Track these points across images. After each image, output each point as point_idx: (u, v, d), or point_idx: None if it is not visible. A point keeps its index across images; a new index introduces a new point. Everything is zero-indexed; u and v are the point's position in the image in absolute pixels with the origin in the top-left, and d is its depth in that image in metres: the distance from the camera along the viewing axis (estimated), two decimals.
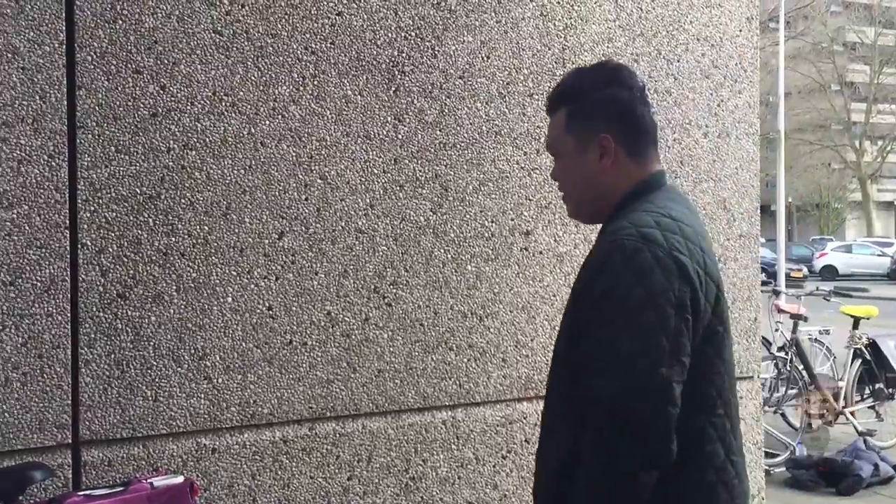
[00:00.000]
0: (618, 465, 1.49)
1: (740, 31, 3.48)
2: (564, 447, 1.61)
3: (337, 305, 2.62)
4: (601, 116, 1.69)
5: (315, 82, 2.59)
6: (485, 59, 2.89)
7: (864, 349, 7.06)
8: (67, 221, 2.26)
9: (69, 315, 2.26)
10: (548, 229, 3.01)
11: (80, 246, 2.28)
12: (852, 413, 6.82)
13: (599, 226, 1.79)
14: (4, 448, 2.18)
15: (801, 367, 6.73)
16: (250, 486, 2.49)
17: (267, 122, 2.52)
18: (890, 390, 6.99)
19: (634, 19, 3.21)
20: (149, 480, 2.09)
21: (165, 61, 2.38)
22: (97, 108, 2.30)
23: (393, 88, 2.72)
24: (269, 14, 2.53)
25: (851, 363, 7.02)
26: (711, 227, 3.39)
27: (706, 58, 3.39)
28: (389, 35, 2.72)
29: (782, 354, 6.72)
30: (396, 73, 2.73)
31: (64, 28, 2.26)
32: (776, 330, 6.82)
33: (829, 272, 29.86)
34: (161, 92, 2.38)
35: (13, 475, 2.03)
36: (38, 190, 2.22)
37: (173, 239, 2.39)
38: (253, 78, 2.50)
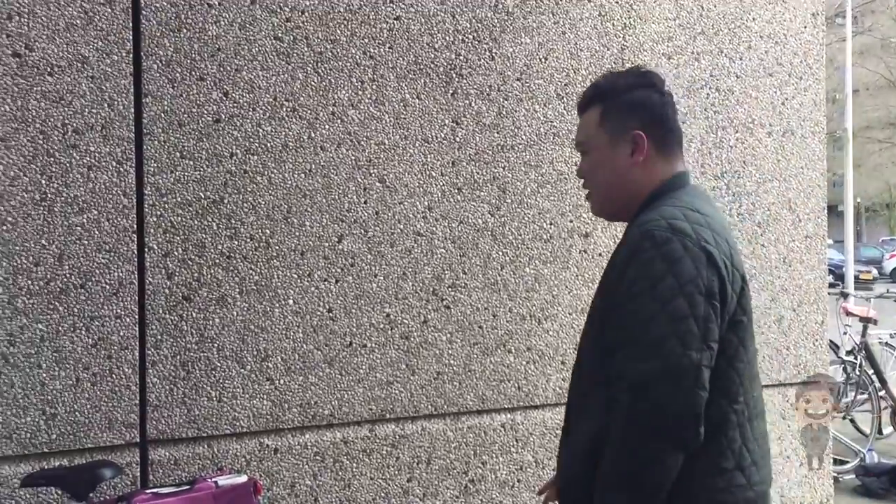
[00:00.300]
0: (646, 447, 1.52)
1: (805, 27, 3.39)
2: (593, 429, 1.64)
3: (396, 308, 2.64)
4: (635, 115, 1.76)
5: (373, 86, 2.61)
6: (542, 60, 2.87)
7: None
8: (135, 226, 2.32)
9: (137, 317, 2.32)
10: (607, 231, 2.97)
11: (146, 249, 2.34)
12: None
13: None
14: (75, 446, 2.25)
15: (870, 371, 6.53)
16: (312, 486, 2.52)
17: (326, 127, 2.55)
18: None
19: (695, 17, 3.16)
20: (213, 479, 2.13)
21: (228, 68, 2.43)
22: (163, 114, 2.36)
23: (450, 91, 2.73)
24: (329, 20, 2.56)
25: None
26: (776, 227, 3.31)
27: (770, 55, 3.31)
28: (447, 38, 2.73)
29: (851, 358, 6.53)
30: (454, 75, 2.73)
31: (131, 37, 2.32)
32: (844, 333, 6.63)
33: None
34: (224, 98, 2.43)
35: (85, 473, 2.08)
36: (106, 195, 2.29)
37: (236, 242, 2.44)
38: (313, 83, 2.53)
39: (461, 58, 2.75)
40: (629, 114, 1.76)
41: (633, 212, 1.75)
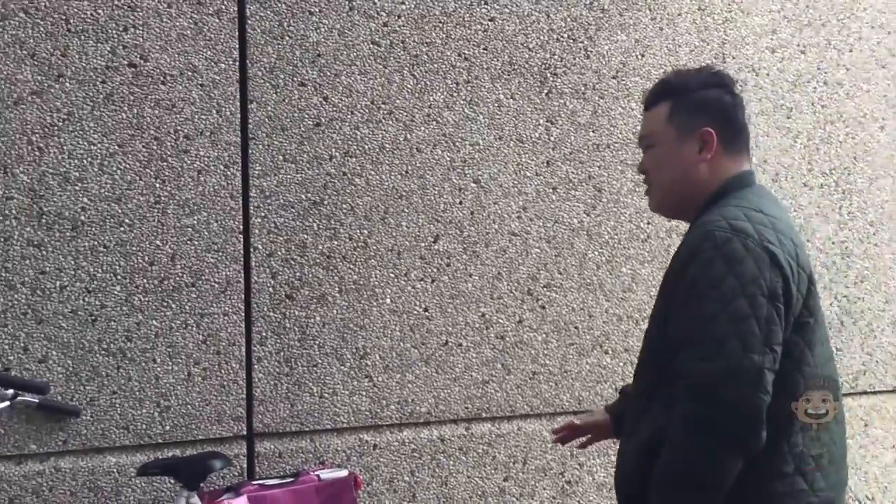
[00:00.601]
0: (704, 448, 1.50)
1: None
2: (653, 428, 1.62)
3: (491, 307, 2.65)
4: (705, 112, 1.74)
5: (468, 88, 2.64)
6: (639, 57, 2.83)
7: None
8: (241, 227, 2.42)
9: (243, 314, 2.41)
10: None
11: (252, 250, 2.43)
12: None
13: None
14: (187, 437, 2.36)
15: None
16: (410, 483, 2.56)
17: (422, 129, 2.59)
18: None
19: (801, 8, 3.05)
20: (316, 473, 2.20)
21: (328, 73, 2.50)
22: (267, 119, 2.44)
23: (545, 91, 2.72)
24: (424, 23, 2.60)
25: None
26: (890, 226, 3.16)
27: (882, 46, 3.16)
28: (541, 38, 2.72)
29: None
30: (548, 75, 2.73)
31: (237, 46, 2.42)
32: None
33: None
34: (324, 102, 2.50)
35: (197, 463, 2.19)
36: (215, 198, 2.39)
37: (336, 243, 2.50)
38: (409, 86, 2.58)
39: (556, 57, 2.74)
40: (700, 111, 1.74)
41: (695, 210, 1.73)
